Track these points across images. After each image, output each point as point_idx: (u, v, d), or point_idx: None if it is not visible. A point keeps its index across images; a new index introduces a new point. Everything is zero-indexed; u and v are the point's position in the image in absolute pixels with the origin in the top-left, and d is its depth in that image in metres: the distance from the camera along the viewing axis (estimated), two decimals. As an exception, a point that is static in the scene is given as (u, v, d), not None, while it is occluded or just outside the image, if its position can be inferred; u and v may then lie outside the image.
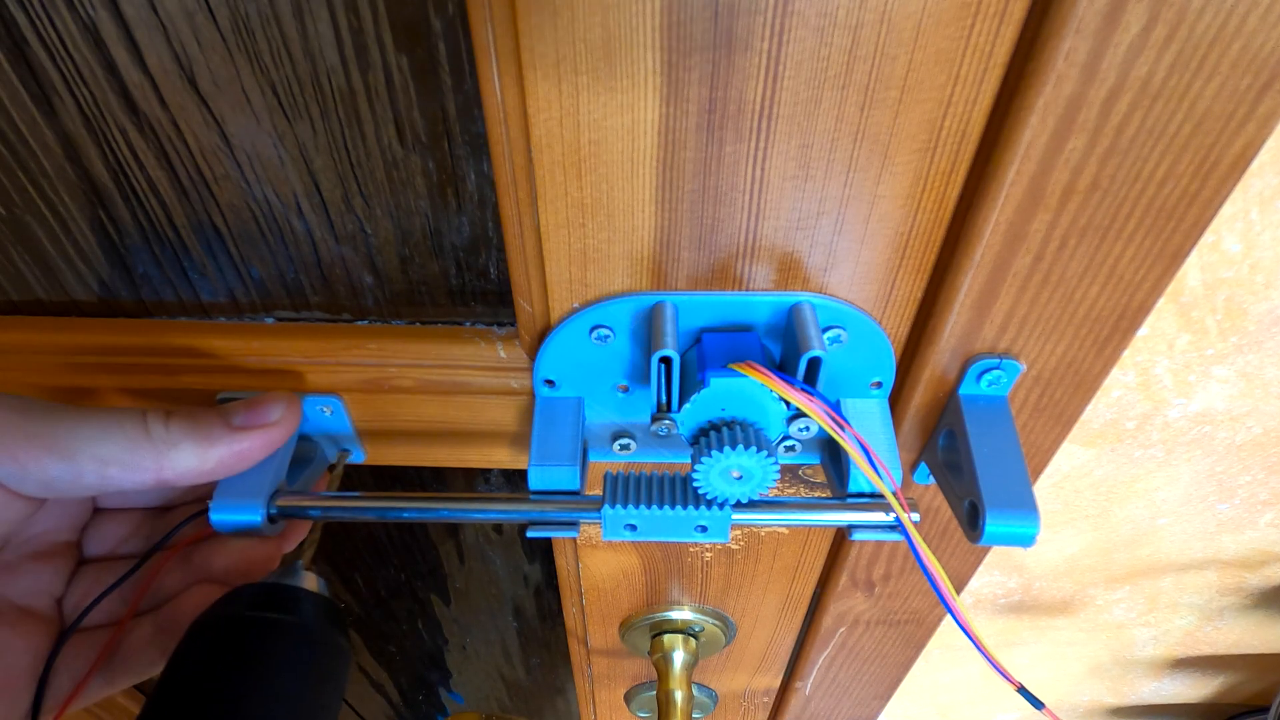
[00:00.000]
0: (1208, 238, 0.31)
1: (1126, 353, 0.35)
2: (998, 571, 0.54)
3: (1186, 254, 0.25)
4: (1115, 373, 0.37)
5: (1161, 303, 0.33)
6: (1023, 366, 0.29)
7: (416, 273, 0.31)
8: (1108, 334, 0.28)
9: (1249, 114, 0.22)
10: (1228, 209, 0.30)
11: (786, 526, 0.39)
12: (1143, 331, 0.35)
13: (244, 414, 0.28)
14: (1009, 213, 0.24)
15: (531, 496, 0.29)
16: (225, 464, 0.28)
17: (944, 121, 0.22)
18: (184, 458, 0.27)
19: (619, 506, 0.28)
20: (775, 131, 0.23)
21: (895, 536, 0.29)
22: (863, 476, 0.29)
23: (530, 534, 0.29)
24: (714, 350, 0.28)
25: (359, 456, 0.35)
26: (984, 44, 0.21)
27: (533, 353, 0.30)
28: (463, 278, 0.32)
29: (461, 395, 0.33)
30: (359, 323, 0.33)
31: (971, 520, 0.28)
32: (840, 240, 0.26)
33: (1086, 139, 0.22)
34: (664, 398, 0.27)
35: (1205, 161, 0.23)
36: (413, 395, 0.33)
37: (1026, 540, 0.27)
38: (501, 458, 0.35)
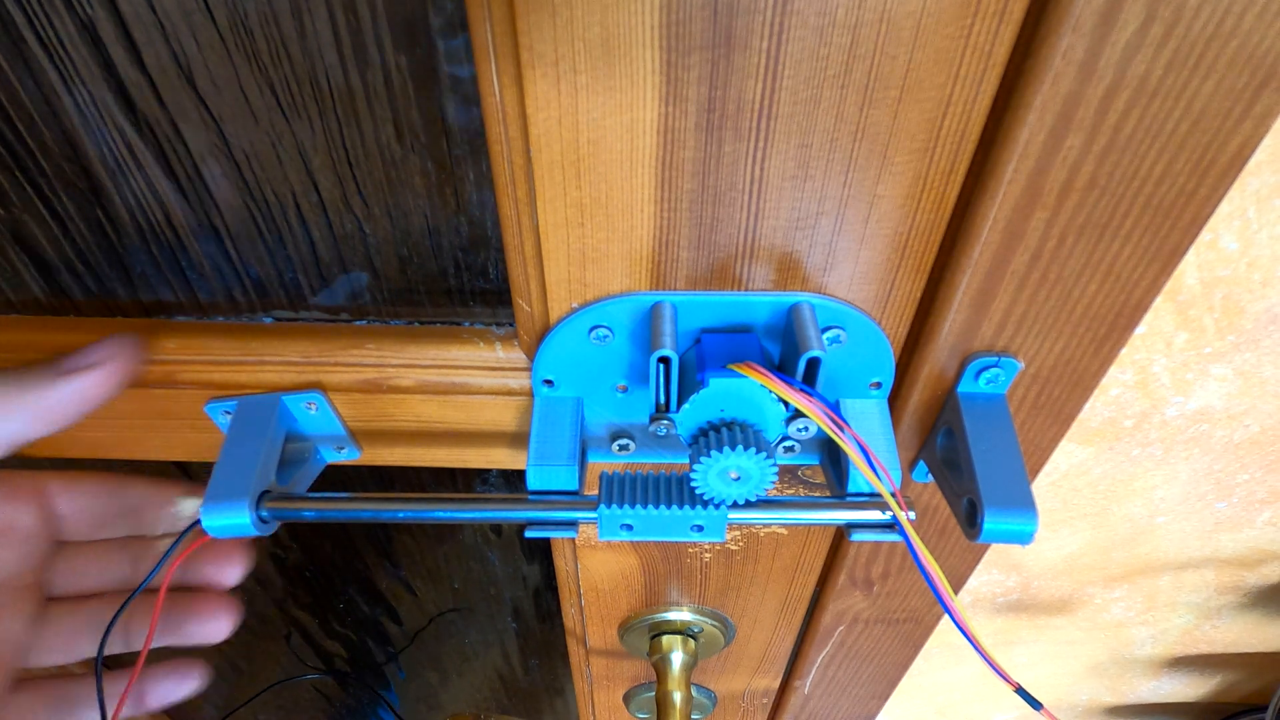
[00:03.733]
0: (1205, 236, 0.31)
1: (1124, 351, 0.35)
2: (996, 570, 0.54)
3: (1184, 252, 0.25)
4: (1113, 371, 0.37)
5: (1159, 301, 0.33)
6: (1021, 364, 0.29)
7: (415, 272, 0.31)
8: (1105, 332, 0.28)
9: (1246, 112, 0.22)
10: (1225, 207, 0.30)
11: (785, 526, 0.39)
12: (1140, 330, 0.35)
13: (70, 358, 0.28)
14: (1007, 211, 0.24)
15: (530, 497, 0.29)
16: (53, 413, 0.27)
17: (944, 121, 0.22)
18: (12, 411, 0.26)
19: (615, 506, 0.28)
20: (774, 131, 0.23)
21: (894, 537, 0.29)
22: (862, 477, 0.29)
23: (528, 534, 0.29)
24: (713, 351, 0.28)
25: (354, 454, 0.35)
26: (983, 43, 0.21)
27: (531, 353, 0.30)
28: (461, 277, 0.32)
29: (460, 395, 0.33)
30: (357, 323, 0.33)
31: (970, 518, 0.28)
32: (840, 240, 0.26)
33: (1084, 137, 0.22)
34: (663, 398, 0.27)
35: (1202, 159, 0.23)
36: (411, 395, 0.33)
37: (1024, 538, 0.27)
38: (500, 458, 0.35)
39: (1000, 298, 0.27)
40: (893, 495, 0.26)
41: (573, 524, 0.29)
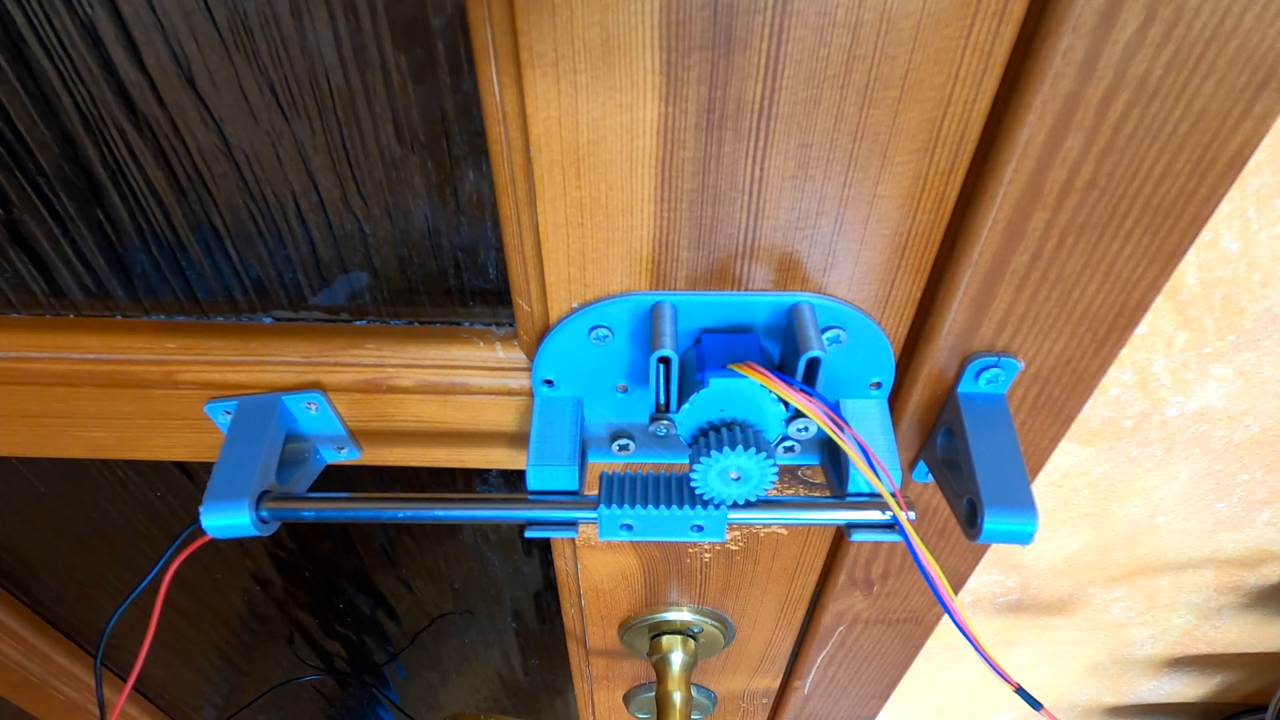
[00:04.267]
0: (1205, 236, 0.31)
1: (1124, 351, 0.35)
2: (996, 570, 0.54)
3: (1184, 252, 0.25)
4: (1113, 371, 0.37)
5: (1159, 301, 0.33)
6: (1021, 364, 0.29)
7: (415, 272, 0.31)
8: (1105, 332, 0.28)
9: (1246, 111, 0.22)
10: (1225, 207, 0.30)
11: (784, 526, 0.39)
12: (1140, 330, 0.35)
13: None
14: (1007, 211, 0.24)
15: (529, 497, 0.29)
16: None
17: (943, 121, 0.22)
18: None
19: (615, 506, 0.28)
20: (774, 131, 0.23)
21: (894, 537, 0.29)
22: (862, 477, 0.29)
23: (528, 534, 0.29)
24: (713, 351, 0.28)
25: (354, 454, 0.35)
26: (983, 43, 0.21)
27: (531, 353, 0.30)
28: (461, 277, 0.32)
29: (460, 395, 0.33)
30: (357, 323, 0.33)
31: (970, 518, 0.28)
32: (839, 240, 0.26)
33: (1084, 137, 0.22)
34: (663, 398, 0.27)
35: (1202, 159, 0.23)
36: (411, 395, 0.33)
37: (1024, 538, 0.27)
38: (500, 458, 0.35)
39: (1000, 298, 0.27)
40: (893, 495, 0.26)
41: (572, 524, 0.29)
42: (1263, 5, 0.20)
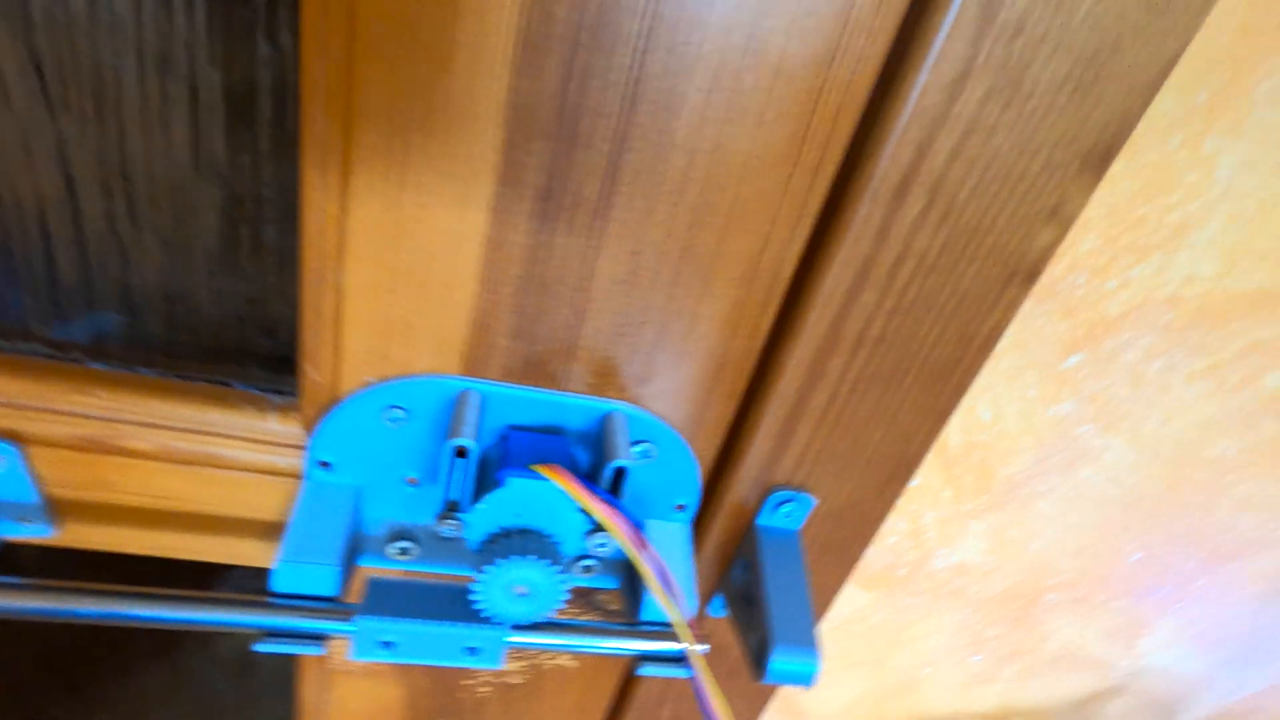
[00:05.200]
0: (966, 403, 0.36)
1: (900, 500, 0.38)
2: (782, 717, 0.53)
3: (950, 412, 0.28)
4: (891, 519, 0.40)
5: (930, 456, 0.37)
6: (815, 501, 0.30)
7: (184, 316, 0.27)
8: (887, 478, 0.30)
9: (998, 298, 0.26)
10: (981, 379, 0.35)
11: (571, 655, 0.36)
12: (915, 481, 0.39)
13: None
14: (812, 350, 0.26)
15: (270, 600, 0.24)
16: None
17: (762, 256, 0.24)
18: None
19: (376, 618, 0.23)
20: (608, 232, 0.23)
21: (683, 672, 0.27)
22: (657, 605, 0.27)
23: (258, 647, 0.23)
24: (518, 449, 0.26)
25: (43, 530, 0.27)
26: (800, 193, 0.23)
27: (312, 428, 0.26)
28: (242, 331, 0.27)
29: (211, 469, 0.27)
30: (92, 364, 0.27)
31: (758, 656, 0.27)
32: (660, 353, 0.26)
33: (877, 295, 0.25)
34: (455, 494, 0.24)
35: (966, 331, 0.26)
36: (146, 461, 0.27)
37: (806, 679, 0.27)
38: (247, 552, 0.29)
39: (800, 433, 0.28)
40: (685, 623, 0.25)
41: (319, 638, 0.24)
42: (1010, 212, 0.24)
